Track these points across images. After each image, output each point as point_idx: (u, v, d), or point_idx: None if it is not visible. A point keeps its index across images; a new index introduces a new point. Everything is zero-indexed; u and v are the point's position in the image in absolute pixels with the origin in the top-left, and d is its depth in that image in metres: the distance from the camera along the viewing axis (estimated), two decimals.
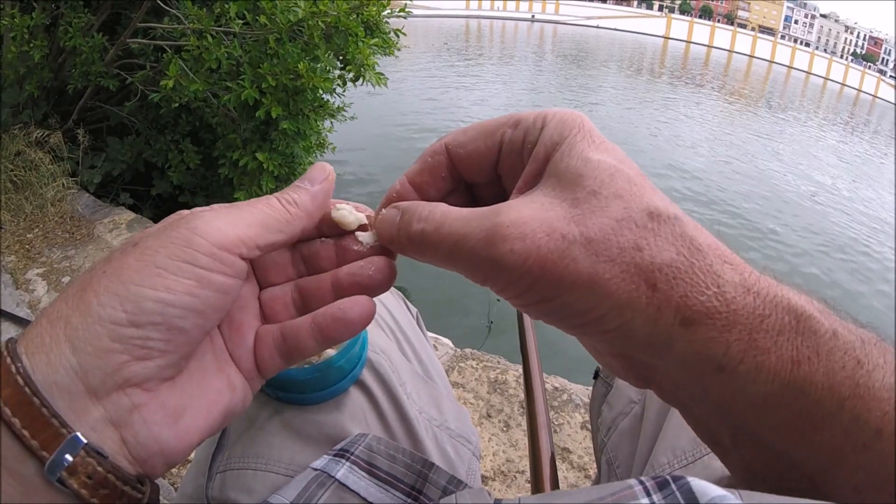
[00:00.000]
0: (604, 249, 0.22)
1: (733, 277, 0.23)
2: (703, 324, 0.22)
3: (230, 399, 0.27)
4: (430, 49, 20.04)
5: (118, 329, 0.22)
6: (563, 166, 0.25)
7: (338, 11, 2.28)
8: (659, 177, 7.76)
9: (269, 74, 2.34)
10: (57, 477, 0.21)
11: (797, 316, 0.22)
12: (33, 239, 2.51)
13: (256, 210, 0.26)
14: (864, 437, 0.21)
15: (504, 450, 1.48)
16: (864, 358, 0.22)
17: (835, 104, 30.65)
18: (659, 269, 0.22)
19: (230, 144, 2.78)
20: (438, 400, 0.56)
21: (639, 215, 0.23)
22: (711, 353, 0.22)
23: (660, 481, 0.22)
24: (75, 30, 2.56)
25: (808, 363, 0.22)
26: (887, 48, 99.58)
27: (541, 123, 0.26)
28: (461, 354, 1.83)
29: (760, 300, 0.22)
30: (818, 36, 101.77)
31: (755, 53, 56.33)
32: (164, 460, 0.24)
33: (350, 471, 0.41)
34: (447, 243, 0.25)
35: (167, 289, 0.23)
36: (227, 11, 2.36)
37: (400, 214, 0.28)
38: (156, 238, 0.24)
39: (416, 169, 0.30)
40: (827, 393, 0.21)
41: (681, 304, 0.22)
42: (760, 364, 0.22)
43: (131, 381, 0.23)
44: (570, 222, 0.23)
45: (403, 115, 8.73)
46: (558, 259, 0.22)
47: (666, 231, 0.23)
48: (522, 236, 0.23)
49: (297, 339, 0.28)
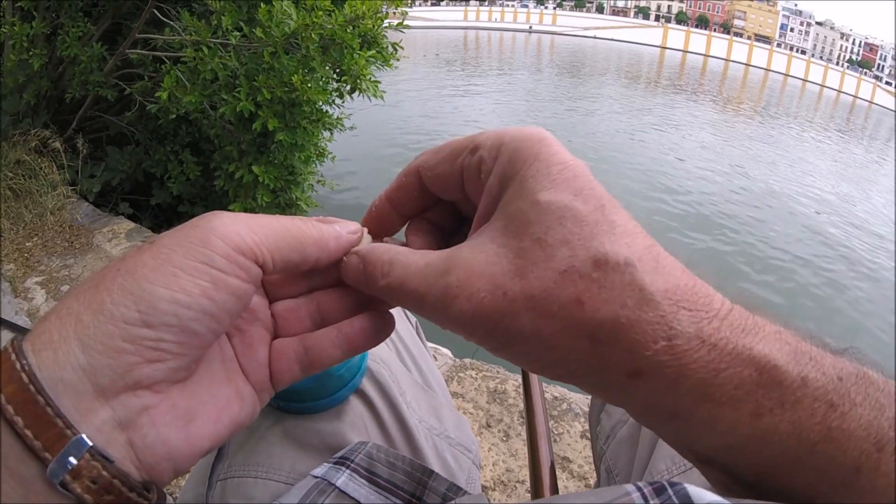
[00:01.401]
0: (545, 306, 0.22)
1: (687, 328, 0.21)
2: (650, 375, 0.21)
3: (239, 408, 0.27)
4: (424, 62, 20.08)
5: (131, 329, 0.21)
6: (512, 209, 0.24)
7: (333, 24, 2.29)
8: (660, 174, 7.79)
9: (265, 87, 2.35)
10: (59, 480, 0.20)
11: (759, 368, 0.21)
12: (32, 247, 2.51)
13: (277, 222, 0.26)
14: (841, 476, 0.21)
15: (504, 459, 1.48)
16: (837, 400, 0.21)
17: (832, 110, 30.82)
18: (600, 325, 0.21)
19: (227, 156, 2.78)
20: (438, 409, 0.57)
21: (583, 265, 0.22)
22: (662, 404, 0.22)
23: (657, 487, 0.22)
24: (73, 39, 2.57)
25: (771, 415, 0.21)
26: (883, 54, 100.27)
27: (495, 153, 0.26)
28: (461, 364, 1.83)
29: (717, 352, 0.21)
30: (814, 43, 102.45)
31: (752, 62, 56.70)
32: (172, 465, 0.23)
33: (350, 478, 0.41)
34: (410, 300, 0.26)
35: (182, 290, 0.22)
36: (223, 23, 2.38)
37: (363, 264, 0.28)
38: (172, 237, 0.23)
39: (393, 186, 0.31)
40: (795, 441, 0.21)
41: (626, 357, 0.21)
42: (716, 416, 0.21)
43: (142, 382, 0.22)
44: (513, 277, 0.23)
45: (400, 129, 8.74)
46: (500, 318, 0.23)
47: (612, 281, 0.22)
48: (469, 296, 0.23)
49: (322, 350, 0.28)
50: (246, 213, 0.26)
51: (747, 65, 54.95)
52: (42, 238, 2.59)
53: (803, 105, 30.14)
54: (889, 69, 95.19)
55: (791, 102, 29.63)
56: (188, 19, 2.39)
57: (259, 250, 0.25)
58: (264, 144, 2.75)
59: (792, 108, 25.78)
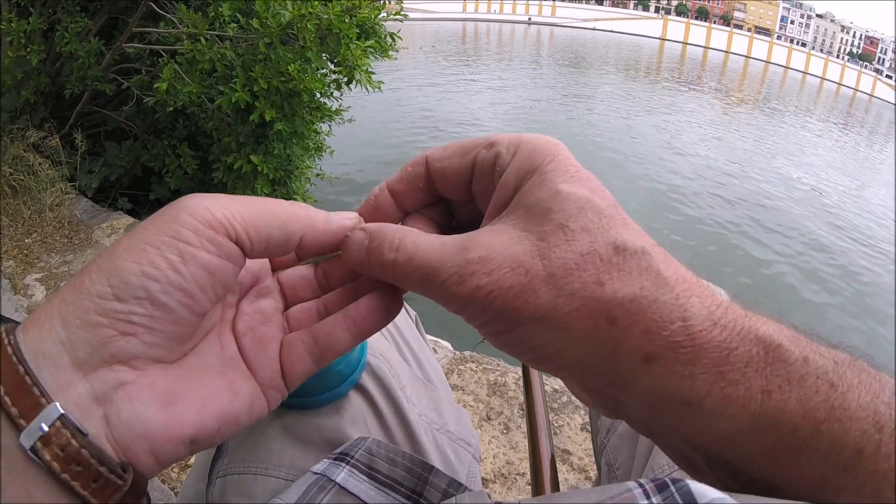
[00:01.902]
0: (565, 284, 0.22)
1: (700, 310, 0.22)
2: (666, 358, 0.22)
3: (229, 401, 0.26)
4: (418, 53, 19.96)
5: (104, 303, 0.22)
6: (532, 198, 0.25)
7: (330, 14, 2.28)
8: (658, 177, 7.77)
9: (261, 77, 2.34)
10: (30, 446, 0.20)
11: (765, 346, 0.22)
12: (31, 244, 2.51)
13: (259, 201, 0.26)
14: (844, 458, 0.21)
15: (504, 452, 1.48)
16: (837, 381, 0.22)
17: (832, 103, 30.73)
18: (619, 304, 0.22)
19: (225, 148, 2.78)
20: (438, 403, 0.57)
21: (604, 249, 0.23)
22: (676, 389, 0.22)
23: (659, 483, 0.22)
24: (71, 35, 2.56)
25: (780, 392, 0.22)
26: (883, 47, 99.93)
27: (513, 149, 0.26)
28: (461, 357, 1.83)
29: (727, 333, 0.22)
30: (814, 36, 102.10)
31: (752, 54, 56.50)
32: (148, 447, 0.23)
33: (350, 474, 0.41)
34: (418, 275, 0.25)
35: (150, 263, 0.23)
36: (221, 15, 2.36)
37: (368, 239, 0.27)
38: (149, 218, 0.24)
39: (396, 177, 0.30)
40: (802, 420, 0.21)
41: (642, 339, 0.22)
42: (728, 396, 0.22)
43: (118, 356, 0.22)
44: (535, 256, 0.23)
45: (397, 122, 8.71)
46: (519, 293, 0.23)
47: (631, 265, 0.23)
48: (489, 271, 0.23)
49: (330, 336, 0.28)
50: (228, 195, 0.25)
51: (747, 57, 54.79)
52: (41, 234, 2.59)
53: (803, 98, 30.06)
54: (889, 62, 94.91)
55: (791, 95, 29.56)
56: (184, 12, 2.38)
57: (231, 225, 0.24)
58: (263, 135, 2.74)
59: (792, 101, 25.71)
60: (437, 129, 8.86)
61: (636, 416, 0.26)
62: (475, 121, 9.83)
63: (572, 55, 27.94)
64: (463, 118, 9.90)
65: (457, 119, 9.73)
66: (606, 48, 35.73)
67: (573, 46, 33.62)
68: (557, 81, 17.37)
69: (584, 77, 19.65)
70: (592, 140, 9.60)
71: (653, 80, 22.37)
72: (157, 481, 1.33)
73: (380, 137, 7.58)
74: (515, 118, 10.69)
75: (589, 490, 0.25)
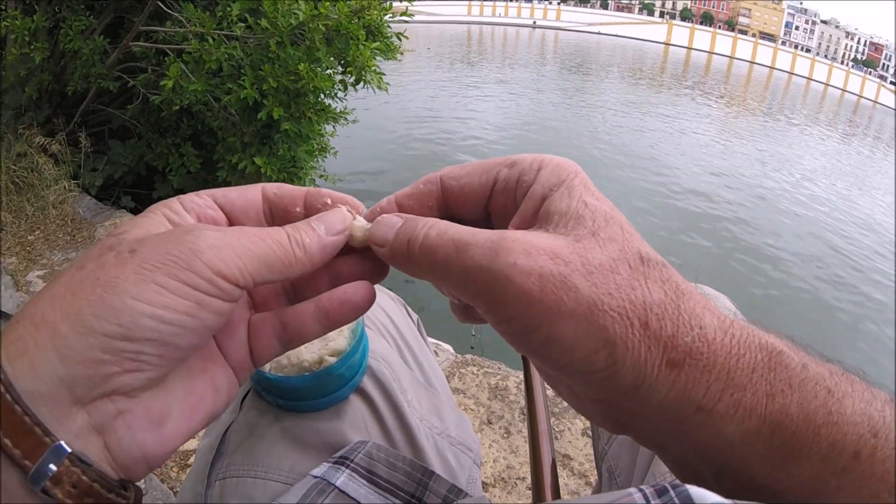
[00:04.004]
0: (603, 283, 0.23)
1: (712, 321, 0.24)
2: (687, 365, 0.23)
3: (213, 401, 0.27)
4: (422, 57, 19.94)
5: (111, 342, 0.22)
6: (563, 206, 0.26)
7: (339, 15, 2.28)
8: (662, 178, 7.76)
9: (270, 76, 2.34)
10: (41, 487, 0.20)
11: (769, 353, 0.24)
12: (34, 241, 2.52)
13: (264, 244, 0.26)
14: (842, 461, 0.22)
15: (505, 456, 1.48)
16: (833, 387, 0.23)
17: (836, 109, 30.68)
18: (650, 308, 0.23)
19: (230, 148, 2.78)
20: (439, 407, 0.56)
21: (632, 258, 0.24)
22: (692, 395, 0.23)
23: (659, 488, 0.23)
24: (75, 32, 2.57)
25: (782, 395, 0.23)
26: (888, 54, 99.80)
27: (537, 166, 0.28)
28: (462, 360, 1.82)
29: (735, 341, 0.24)
30: (819, 42, 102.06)
31: (756, 60, 56.47)
32: (146, 465, 0.24)
33: (350, 478, 0.41)
34: (448, 248, 0.25)
35: (165, 307, 0.22)
36: (229, 14, 2.37)
37: (403, 221, 0.28)
38: (155, 250, 0.23)
39: (406, 192, 0.31)
40: (802, 423, 0.22)
41: (669, 344, 0.23)
42: (737, 401, 0.23)
43: (119, 390, 0.22)
44: (573, 253, 0.24)
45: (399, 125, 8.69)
46: (559, 283, 0.23)
47: (655, 275, 0.24)
48: (527, 252, 0.24)
49: (301, 325, 0.29)
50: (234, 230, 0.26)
51: (752, 62, 54.76)
52: (44, 231, 2.59)
53: (808, 104, 30.02)
54: (894, 69, 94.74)
55: (795, 101, 29.53)
56: (192, 11, 2.38)
57: (241, 275, 0.25)
58: (268, 136, 2.75)
59: (797, 107, 25.68)
60: (437, 130, 8.85)
61: (645, 428, 0.26)
62: (476, 123, 9.82)
63: (577, 59, 27.96)
64: (465, 120, 9.89)
65: (455, 123, 9.71)
66: (611, 52, 35.75)
67: (578, 50, 33.64)
68: (562, 85, 17.37)
69: (589, 81, 19.64)
70: (598, 145, 9.59)
71: (657, 84, 22.37)
72: (156, 481, 1.33)
73: (381, 138, 7.59)
74: (521, 123, 10.67)
75: (590, 497, 0.25)
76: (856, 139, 19.38)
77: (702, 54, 52.49)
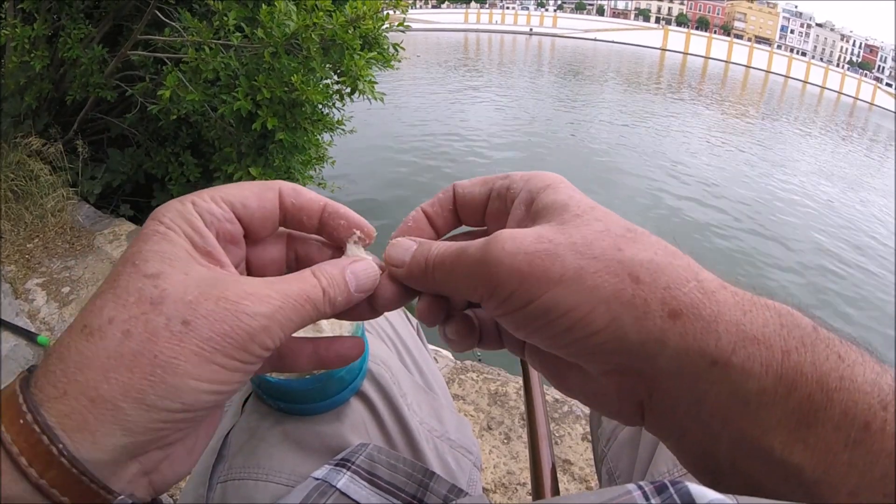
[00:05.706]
0: (587, 250, 0.25)
1: (710, 276, 0.25)
2: (690, 315, 0.23)
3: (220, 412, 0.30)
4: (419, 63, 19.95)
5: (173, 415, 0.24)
6: (549, 200, 0.29)
7: (334, 25, 2.29)
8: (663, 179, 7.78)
9: (264, 86, 2.34)
10: None
11: (778, 311, 0.24)
12: (33, 249, 2.51)
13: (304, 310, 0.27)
14: (853, 431, 0.22)
15: (505, 462, 1.47)
16: (844, 353, 0.23)
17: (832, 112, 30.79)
18: (640, 265, 0.24)
19: (226, 158, 2.78)
20: (439, 411, 0.57)
21: (617, 229, 0.26)
22: (704, 346, 0.23)
23: (658, 485, 0.22)
24: (74, 41, 2.57)
25: (797, 353, 0.23)
26: (883, 55, 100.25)
27: (527, 177, 0.31)
28: (461, 367, 1.82)
29: (740, 298, 0.24)
30: (814, 45, 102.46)
31: (752, 64, 56.70)
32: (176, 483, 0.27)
33: (351, 480, 0.41)
34: (451, 257, 0.28)
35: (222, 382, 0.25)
36: (226, 24, 2.37)
37: (417, 245, 0.31)
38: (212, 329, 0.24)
39: (430, 201, 0.35)
40: (816, 385, 0.22)
41: (665, 295, 0.24)
42: (752, 354, 0.23)
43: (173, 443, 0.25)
44: (557, 233, 0.26)
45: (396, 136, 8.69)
46: (545, 256, 0.25)
47: (643, 239, 0.26)
48: (513, 238, 0.26)
49: (294, 361, 0.32)
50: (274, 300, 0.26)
51: (748, 67, 54.97)
52: (43, 239, 2.59)
53: (804, 107, 30.12)
54: (889, 70, 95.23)
55: (791, 104, 29.62)
56: (189, 20, 2.39)
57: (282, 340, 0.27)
58: (263, 146, 2.75)
59: (793, 110, 25.76)
60: (435, 135, 8.87)
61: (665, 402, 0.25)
62: (474, 131, 9.85)
63: (573, 66, 28.05)
64: (462, 129, 9.91)
65: (455, 129, 9.73)
66: (608, 59, 35.89)
67: (575, 57, 33.76)
68: (558, 92, 17.42)
69: (586, 87, 19.70)
70: (591, 149, 9.61)
71: (654, 89, 22.44)
72: None
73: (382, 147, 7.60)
74: (515, 128, 10.70)
75: (588, 493, 0.25)
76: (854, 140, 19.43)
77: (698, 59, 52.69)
